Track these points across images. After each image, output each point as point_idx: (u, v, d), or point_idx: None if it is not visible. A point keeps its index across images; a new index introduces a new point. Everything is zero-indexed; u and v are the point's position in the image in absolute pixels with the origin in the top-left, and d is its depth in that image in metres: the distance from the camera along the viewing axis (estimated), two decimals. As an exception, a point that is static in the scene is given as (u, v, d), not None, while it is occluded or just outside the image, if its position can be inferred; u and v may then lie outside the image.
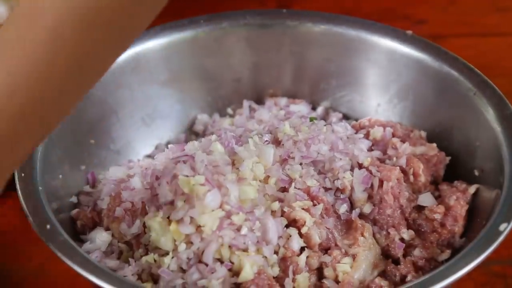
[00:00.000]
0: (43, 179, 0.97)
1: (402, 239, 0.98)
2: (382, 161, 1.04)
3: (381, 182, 1.00)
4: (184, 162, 0.96)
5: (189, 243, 0.94)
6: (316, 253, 0.95)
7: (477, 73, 1.06)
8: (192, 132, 1.16)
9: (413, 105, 1.12)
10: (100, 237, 0.98)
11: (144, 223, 0.97)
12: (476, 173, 1.03)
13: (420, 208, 1.01)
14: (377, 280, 0.95)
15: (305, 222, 0.95)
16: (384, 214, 0.99)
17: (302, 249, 0.96)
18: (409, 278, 0.96)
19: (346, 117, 1.15)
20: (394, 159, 1.04)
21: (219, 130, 1.08)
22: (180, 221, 0.94)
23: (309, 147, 1.01)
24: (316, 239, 0.95)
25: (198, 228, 0.94)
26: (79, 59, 0.77)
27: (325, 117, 1.15)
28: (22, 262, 1.09)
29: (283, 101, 1.16)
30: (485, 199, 0.99)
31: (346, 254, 0.96)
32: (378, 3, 1.46)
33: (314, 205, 0.97)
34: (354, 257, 0.96)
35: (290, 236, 0.95)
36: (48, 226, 0.92)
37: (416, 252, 0.98)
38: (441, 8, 1.46)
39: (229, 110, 1.16)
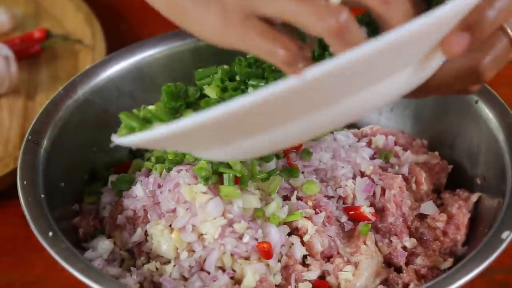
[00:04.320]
0: (45, 187, 0.97)
1: (404, 247, 0.98)
2: (384, 169, 1.03)
3: (383, 190, 1.00)
4: (186, 170, 0.96)
5: (191, 251, 0.94)
6: (318, 261, 0.95)
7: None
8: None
9: (415, 113, 1.12)
10: (102, 245, 0.98)
11: (146, 231, 0.97)
12: (478, 181, 1.03)
13: (422, 217, 1.01)
14: (379, 288, 0.95)
15: (307, 230, 0.95)
16: (387, 222, 0.99)
17: (304, 257, 0.96)
18: (411, 286, 0.95)
19: (348, 126, 1.15)
20: (397, 167, 1.04)
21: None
22: (182, 229, 0.94)
23: (311, 155, 1.01)
24: (318, 247, 0.95)
25: (200, 236, 0.94)
26: None
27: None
28: (24, 269, 1.09)
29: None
30: (487, 207, 0.99)
31: (348, 262, 0.96)
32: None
33: (316, 213, 0.97)
34: (356, 265, 0.96)
35: (292, 244, 0.95)
36: (50, 234, 0.92)
37: (419, 260, 0.98)
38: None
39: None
